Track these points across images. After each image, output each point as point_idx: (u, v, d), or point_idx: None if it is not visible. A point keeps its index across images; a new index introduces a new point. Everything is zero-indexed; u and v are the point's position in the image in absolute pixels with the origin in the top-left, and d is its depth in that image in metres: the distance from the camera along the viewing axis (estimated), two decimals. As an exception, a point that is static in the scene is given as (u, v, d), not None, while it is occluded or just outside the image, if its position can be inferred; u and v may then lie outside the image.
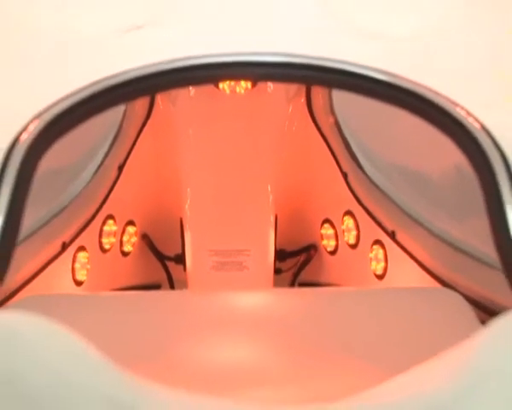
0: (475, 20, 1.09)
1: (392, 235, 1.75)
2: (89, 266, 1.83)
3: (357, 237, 1.89)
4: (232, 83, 1.71)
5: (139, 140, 1.83)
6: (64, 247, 1.73)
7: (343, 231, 1.91)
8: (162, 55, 1.14)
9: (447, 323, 1.39)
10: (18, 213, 1.09)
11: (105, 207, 1.83)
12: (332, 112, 1.79)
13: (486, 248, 1.22)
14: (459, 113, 1.15)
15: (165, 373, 1.19)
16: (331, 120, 1.79)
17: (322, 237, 1.99)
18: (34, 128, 1.11)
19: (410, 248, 1.72)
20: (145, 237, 1.99)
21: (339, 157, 1.81)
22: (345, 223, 1.91)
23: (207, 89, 1.72)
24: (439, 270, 1.63)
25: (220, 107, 1.81)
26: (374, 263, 1.83)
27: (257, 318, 1.42)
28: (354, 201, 1.83)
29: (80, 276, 1.81)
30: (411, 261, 1.72)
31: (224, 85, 1.72)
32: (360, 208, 1.82)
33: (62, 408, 0.75)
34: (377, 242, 1.81)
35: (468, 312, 1.41)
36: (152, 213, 1.96)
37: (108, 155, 1.79)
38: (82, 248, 1.80)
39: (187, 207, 1.90)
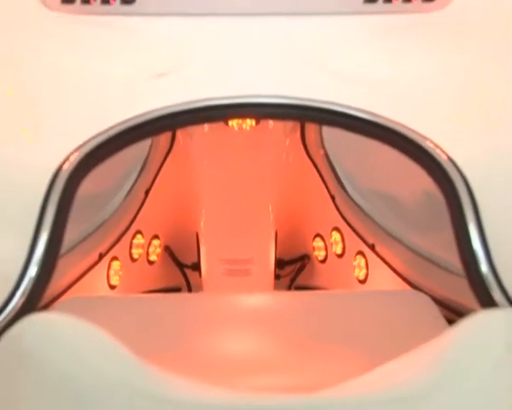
0: (444, 66, 1.08)
1: (372, 247, 1.73)
2: (121, 273, 1.81)
3: (343, 249, 1.86)
4: (239, 120, 1.69)
5: (163, 168, 1.81)
6: (100, 257, 1.71)
7: (331, 244, 1.89)
8: (182, 97, 1.13)
9: (417, 321, 1.37)
10: (61, 230, 1.07)
11: (134, 224, 1.81)
12: (322, 145, 1.77)
13: (451, 258, 1.20)
14: (429, 146, 1.13)
15: (184, 361, 1.19)
16: (321, 152, 1.77)
17: (313, 248, 1.96)
18: (74, 159, 1.09)
19: (386, 258, 1.70)
20: (167, 249, 1.97)
21: (328, 183, 1.79)
22: (333, 237, 1.88)
23: (219, 125, 1.71)
24: (411, 276, 1.61)
25: (229, 141, 1.79)
26: (357, 270, 1.82)
27: (260, 316, 1.42)
28: (340, 218, 1.81)
29: (114, 281, 1.80)
30: (388, 269, 1.71)
31: (233, 123, 1.70)
32: (345, 225, 1.79)
33: (100, 399, 0.76)
34: (360, 252, 1.79)
35: (435, 311, 1.40)
36: (173, 228, 1.94)
37: (137, 181, 1.77)
38: (115, 258, 1.78)
39: (202, 223, 1.88)
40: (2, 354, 0.86)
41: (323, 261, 1.96)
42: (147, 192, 1.80)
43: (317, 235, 1.95)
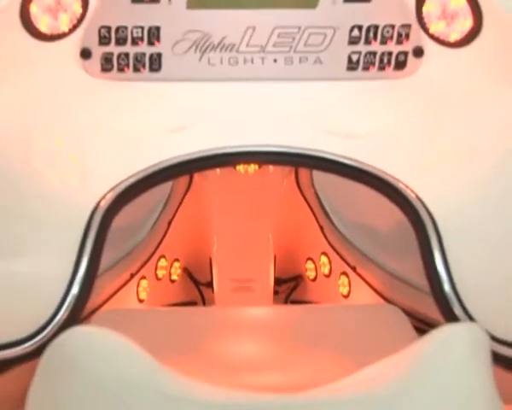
0: (413, 122, 1.08)
1: (353, 268, 1.71)
2: (148, 290, 1.78)
3: (330, 270, 1.83)
4: (245, 165, 1.68)
5: (182, 204, 1.80)
6: (131, 276, 1.69)
7: (320, 266, 1.86)
8: (197, 146, 1.13)
9: (389, 330, 1.35)
10: (98, 255, 1.06)
11: (159, 249, 1.79)
12: (312, 185, 1.76)
13: (420, 279, 1.19)
14: (401, 186, 1.13)
15: (199, 363, 1.19)
16: (312, 191, 1.76)
17: (306, 269, 1.94)
18: (110, 197, 1.09)
19: (366, 278, 1.68)
20: (186, 270, 1.95)
21: (317, 216, 1.77)
22: (321, 260, 1.85)
23: (228, 169, 1.70)
24: (386, 293, 1.59)
25: (237, 182, 1.78)
26: (341, 287, 1.79)
27: (261, 325, 1.40)
28: (328, 245, 1.79)
29: (142, 296, 1.77)
30: (367, 286, 1.68)
31: (240, 167, 1.69)
32: (332, 250, 1.77)
33: (129, 402, 0.74)
34: (343, 273, 1.76)
35: (405, 322, 1.37)
36: (191, 253, 1.92)
37: (161, 214, 1.75)
38: (143, 277, 1.76)
39: (214, 249, 1.87)
40: (48, 362, 0.85)
41: (314, 280, 1.93)
42: (169, 223, 1.78)
43: (309, 258, 1.92)
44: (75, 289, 1.06)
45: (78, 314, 1.05)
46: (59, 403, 0.81)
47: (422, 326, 1.37)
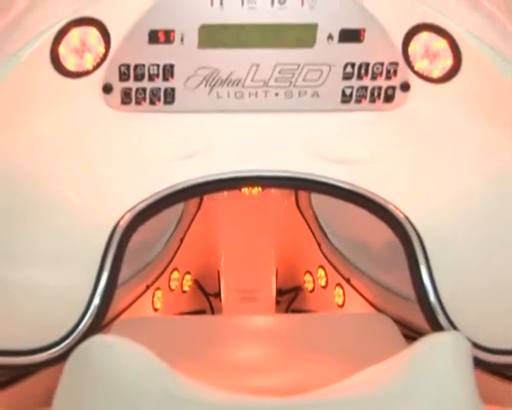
0: (401, 149, 1.09)
1: (347, 280, 1.71)
2: (162, 300, 1.78)
3: (326, 282, 1.83)
4: (250, 188, 1.68)
5: (193, 222, 1.80)
6: (147, 288, 1.69)
7: (317, 278, 1.86)
8: (206, 172, 1.14)
9: (380, 338, 1.35)
10: (117, 269, 1.07)
11: (172, 263, 1.79)
12: (311, 206, 1.75)
13: (408, 290, 1.19)
14: (390, 207, 1.13)
15: (208, 369, 1.18)
16: (310, 212, 1.75)
17: (304, 281, 1.93)
18: (128, 217, 1.09)
19: (359, 289, 1.68)
20: (196, 282, 1.94)
21: (315, 233, 1.76)
22: (318, 273, 1.85)
23: (234, 192, 1.70)
24: (378, 302, 1.58)
25: (242, 203, 1.79)
26: (337, 298, 1.78)
27: (264, 333, 1.41)
28: (324, 259, 1.78)
29: (157, 305, 1.77)
30: (359, 297, 1.68)
31: (245, 190, 1.69)
32: (328, 264, 1.77)
33: (143, 406, 0.75)
34: (338, 284, 1.76)
35: (395, 331, 1.37)
36: (201, 267, 1.93)
37: (174, 232, 1.74)
38: (158, 288, 1.75)
39: (222, 263, 1.87)
40: (72, 367, 0.86)
41: (312, 291, 1.92)
42: (181, 240, 1.78)
43: (307, 271, 1.91)
44: (96, 301, 1.06)
45: (99, 323, 1.06)
46: (81, 405, 0.81)
47: (411, 334, 1.36)
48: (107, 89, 1.15)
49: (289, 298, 2.00)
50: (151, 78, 1.16)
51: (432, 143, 1.19)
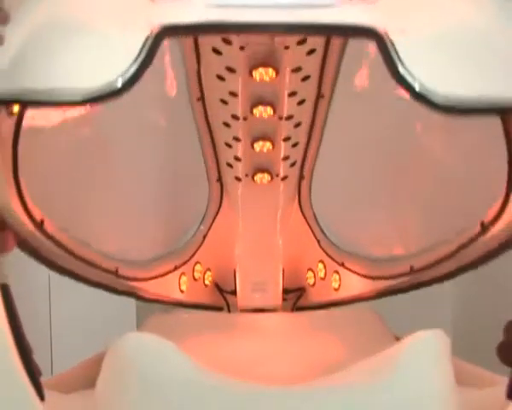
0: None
1: (342, 264, 2.03)
2: (187, 284, 2.09)
3: (325, 273, 2.11)
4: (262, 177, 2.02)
5: (214, 223, 2.11)
6: (175, 268, 2.02)
7: (318, 272, 2.14)
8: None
9: (368, 334, 1.56)
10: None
11: (195, 256, 2.09)
12: (311, 208, 2.08)
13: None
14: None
15: (227, 360, 1.34)
16: (311, 212, 2.08)
17: (307, 278, 2.21)
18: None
19: (351, 268, 2.01)
20: (215, 283, 2.21)
21: (315, 232, 2.08)
22: (318, 267, 2.13)
23: (250, 187, 2.02)
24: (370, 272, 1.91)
25: (256, 199, 2.09)
26: (333, 283, 2.08)
27: (271, 326, 1.75)
28: (323, 253, 2.08)
29: (183, 287, 2.07)
30: (351, 276, 2.00)
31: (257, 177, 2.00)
32: (326, 256, 2.07)
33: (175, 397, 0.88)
34: (335, 271, 2.06)
35: (383, 326, 1.57)
36: (220, 266, 2.19)
37: (198, 230, 2.07)
38: (183, 274, 2.06)
39: (237, 260, 2.16)
40: (109, 361, 0.99)
41: (313, 285, 2.20)
42: (204, 237, 2.09)
43: (309, 269, 2.19)
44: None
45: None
46: (119, 397, 0.92)
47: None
48: None
49: (294, 296, 2.28)
50: None
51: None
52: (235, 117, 1.70)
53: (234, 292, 2.19)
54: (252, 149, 1.76)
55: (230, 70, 1.54)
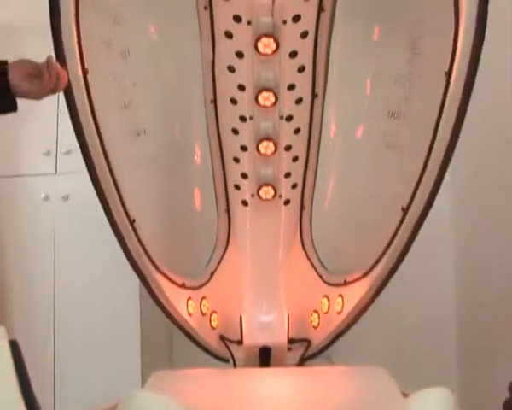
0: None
1: (344, 283, 2.13)
2: (194, 311, 2.16)
3: (328, 307, 2.17)
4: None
5: (221, 262, 2.25)
6: (183, 286, 2.13)
7: (321, 307, 2.19)
8: None
9: (377, 392, 1.59)
10: None
11: (202, 289, 2.18)
12: (313, 244, 2.24)
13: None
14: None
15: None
16: (312, 247, 2.24)
17: (311, 321, 2.24)
18: None
19: (353, 280, 2.11)
20: (222, 337, 2.25)
21: (316, 267, 2.22)
22: (322, 302, 2.19)
23: (255, 221, 2.24)
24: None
25: (261, 231, 2.29)
26: (337, 307, 2.14)
27: (278, 383, 1.82)
28: (326, 286, 2.17)
29: (190, 310, 2.13)
30: (354, 295, 2.08)
31: (261, 192, 2.21)
32: (330, 287, 2.17)
33: None
34: (339, 295, 2.13)
35: (392, 384, 1.59)
36: (226, 310, 2.25)
37: (207, 266, 2.22)
38: (190, 298, 2.15)
39: (244, 306, 2.25)
40: None
41: (317, 327, 2.24)
42: (212, 274, 2.21)
43: (314, 311, 2.24)
44: None
45: None
46: None
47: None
48: None
49: (300, 346, 2.31)
50: None
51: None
52: (242, 119, 1.98)
53: (240, 342, 2.23)
54: (257, 151, 2.01)
55: (240, 55, 1.87)
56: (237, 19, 1.80)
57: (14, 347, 1.06)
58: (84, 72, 1.61)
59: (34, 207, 2.66)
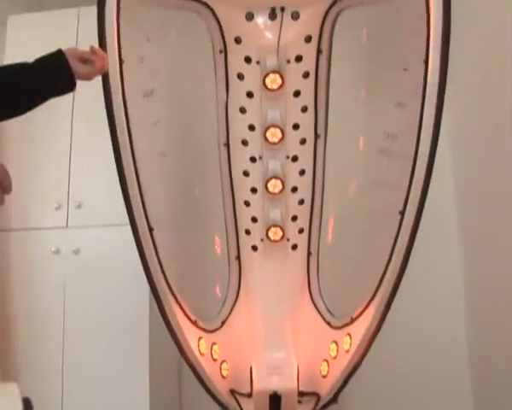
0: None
1: (351, 320, 2.20)
2: (205, 352, 2.21)
3: (337, 350, 2.21)
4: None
5: (232, 313, 2.33)
6: (195, 323, 2.20)
7: (330, 354, 2.23)
8: None
9: None
10: None
11: (213, 335, 2.25)
12: (320, 292, 2.34)
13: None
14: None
15: None
16: (319, 296, 2.34)
17: (320, 371, 2.27)
18: None
19: (360, 315, 2.18)
20: (232, 391, 2.26)
21: (324, 315, 2.29)
22: (331, 348, 2.23)
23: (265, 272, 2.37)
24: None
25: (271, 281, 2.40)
26: (345, 346, 2.18)
27: None
28: (334, 332, 2.23)
29: (202, 349, 2.18)
30: (362, 330, 2.15)
31: (270, 233, 2.38)
32: (338, 330, 2.22)
33: None
34: (347, 334, 2.18)
35: None
36: (236, 361, 2.28)
37: (218, 315, 2.31)
38: (201, 338, 2.19)
39: (254, 358, 2.28)
40: None
41: (326, 376, 2.25)
42: (222, 323, 2.29)
43: (324, 360, 2.26)
44: None
45: None
46: None
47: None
48: None
49: (309, 401, 2.30)
50: None
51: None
52: (252, 160, 2.22)
53: (250, 394, 2.26)
54: (266, 190, 2.23)
55: (250, 95, 2.17)
56: (248, 60, 2.11)
57: (28, 405, 1.09)
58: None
59: (45, 260, 2.68)
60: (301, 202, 2.28)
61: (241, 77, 2.14)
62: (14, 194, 2.59)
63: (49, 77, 1.49)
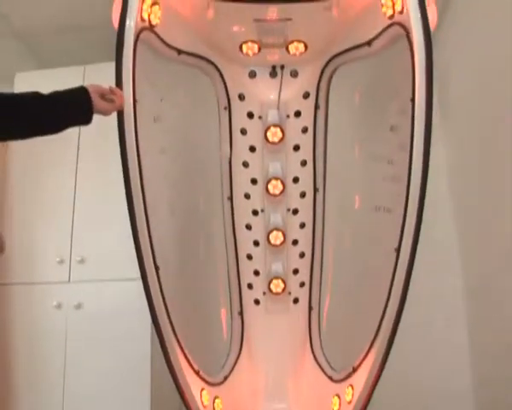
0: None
1: (354, 369, 2.19)
2: (207, 404, 2.19)
3: (340, 403, 2.19)
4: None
5: (234, 369, 2.32)
6: (198, 373, 2.19)
7: (332, 409, 2.22)
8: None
9: None
10: None
11: (215, 389, 2.22)
12: (322, 348, 2.35)
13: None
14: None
15: None
16: (321, 352, 2.33)
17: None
18: None
19: (361, 365, 2.17)
20: None
21: (325, 370, 2.30)
22: (333, 402, 2.21)
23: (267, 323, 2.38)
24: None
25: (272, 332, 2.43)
26: (347, 397, 2.16)
27: None
28: (337, 386, 2.21)
29: (204, 401, 2.15)
30: (363, 380, 2.13)
31: (272, 286, 2.41)
32: (341, 383, 2.19)
33: None
34: (350, 385, 2.17)
35: None
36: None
37: (221, 370, 2.30)
38: (204, 389, 2.17)
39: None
40: None
41: None
42: (225, 378, 2.27)
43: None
44: None
45: None
46: None
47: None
48: None
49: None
50: None
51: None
52: (255, 213, 2.28)
53: None
54: (268, 242, 2.30)
55: (252, 149, 2.26)
56: (250, 115, 2.21)
57: None
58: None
59: (46, 314, 2.68)
60: (302, 255, 2.33)
61: (244, 132, 2.23)
62: (17, 248, 2.75)
63: (72, 103, 1.58)
